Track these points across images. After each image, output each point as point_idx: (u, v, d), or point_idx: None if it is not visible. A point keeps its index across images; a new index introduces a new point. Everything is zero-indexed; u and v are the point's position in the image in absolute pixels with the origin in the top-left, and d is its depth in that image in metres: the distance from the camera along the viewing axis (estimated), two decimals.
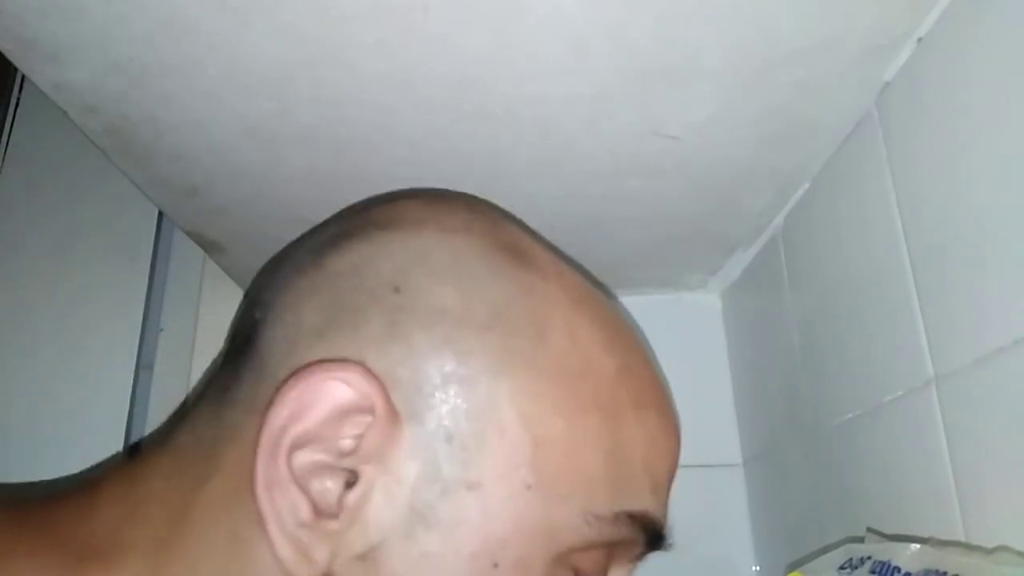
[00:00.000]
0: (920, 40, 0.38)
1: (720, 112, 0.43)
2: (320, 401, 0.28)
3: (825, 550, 0.38)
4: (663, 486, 0.33)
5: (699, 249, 0.63)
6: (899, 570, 0.33)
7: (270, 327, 0.32)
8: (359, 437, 0.28)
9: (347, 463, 0.28)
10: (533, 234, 0.37)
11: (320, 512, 0.27)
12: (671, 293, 0.71)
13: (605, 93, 0.42)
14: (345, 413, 0.28)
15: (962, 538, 0.35)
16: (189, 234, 0.58)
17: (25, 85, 0.73)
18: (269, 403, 0.28)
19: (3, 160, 0.70)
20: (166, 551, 0.29)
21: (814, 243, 0.52)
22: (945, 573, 0.30)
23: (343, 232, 0.34)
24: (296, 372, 0.29)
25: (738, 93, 0.42)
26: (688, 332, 0.70)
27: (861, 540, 0.39)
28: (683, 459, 0.67)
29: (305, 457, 0.28)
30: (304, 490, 0.28)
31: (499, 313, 0.31)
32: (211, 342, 0.68)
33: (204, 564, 0.28)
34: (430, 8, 0.35)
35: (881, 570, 0.33)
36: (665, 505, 0.33)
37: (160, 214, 0.70)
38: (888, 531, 0.40)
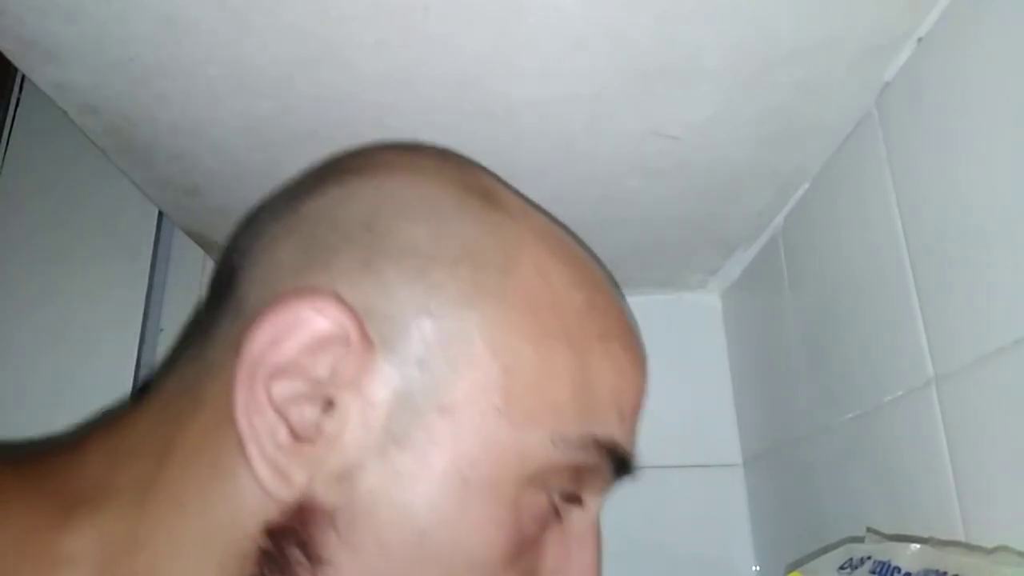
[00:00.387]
0: (920, 40, 0.38)
1: (720, 112, 0.43)
2: (296, 329, 0.29)
3: (825, 550, 0.38)
4: (629, 416, 0.34)
5: (699, 249, 0.63)
6: (899, 570, 0.33)
7: (247, 270, 0.33)
8: (334, 365, 0.29)
9: (323, 390, 0.29)
10: (501, 180, 0.38)
11: (298, 436, 0.29)
12: (671, 293, 0.71)
13: (605, 93, 0.42)
14: (321, 342, 0.29)
15: (962, 538, 0.35)
16: (189, 234, 0.58)
17: (25, 85, 0.73)
18: (245, 332, 0.29)
19: (3, 160, 0.70)
20: (152, 489, 0.30)
21: (814, 243, 0.52)
22: (945, 573, 0.30)
23: (316, 180, 0.36)
24: (272, 301, 0.30)
25: (738, 93, 0.42)
26: (688, 332, 0.70)
27: (861, 540, 0.39)
28: (683, 459, 0.67)
29: (283, 386, 0.29)
30: (283, 416, 0.29)
31: (468, 249, 0.32)
32: None
33: (188, 496, 0.29)
34: (430, 8, 0.35)
35: (881, 570, 0.33)
36: (632, 435, 0.35)
37: (160, 214, 0.70)
38: (888, 531, 0.40)
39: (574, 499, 0.33)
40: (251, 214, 0.39)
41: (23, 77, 0.71)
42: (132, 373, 0.65)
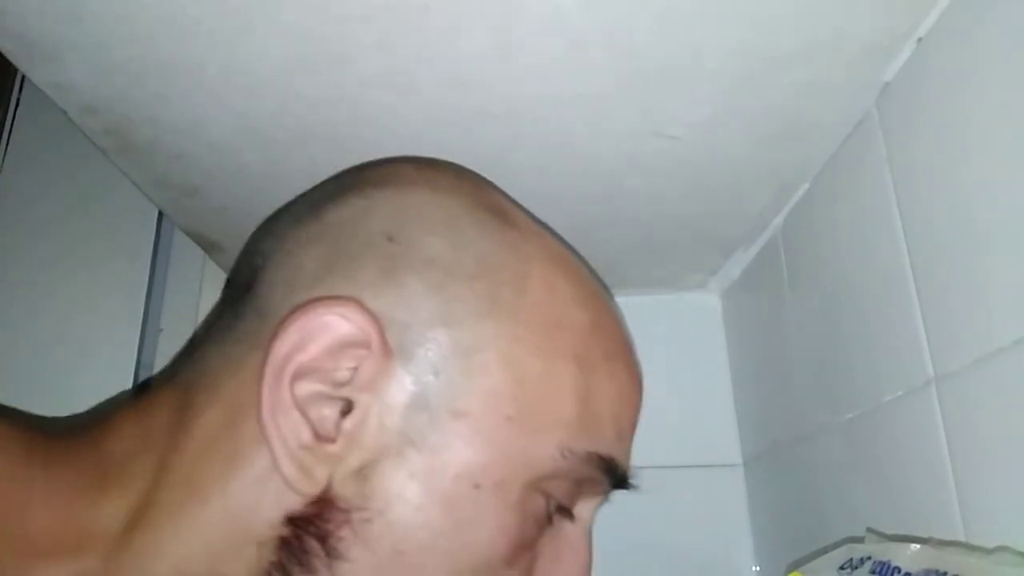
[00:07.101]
0: (920, 40, 0.38)
1: (720, 112, 0.43)
2: (321, 334, 0.31)
3: (825, 550, 0.38)
4: (627, 434, 0.36)
5: (699, 249, 0.63)
6: (899, 570, 0.33)
7: (270, 272, 0.35)
8: (355, 369, 0.31)
9: (343, 392, 0.31)
10: (512, 200, 0.40)
11: (320, 436, 0.30)
12: (671, 293, 0.71)
13: (605, 93, 0.42)
14: (343, 346, 0.31)
15: (962, 538, 0.35)
16: (189, 234, 0.58)
17: (25, 85, 0.73)
18: (273, 335, 0.31)
19: (3, 160, 0.70)
20: (166, 472, 0.31)
21: (814, 243, 0.52)
22: (945, 573, 0.30)
23: (340, 188, 0.37)
24: (299, 307, 0.31)
25: (738, 93, 0.42)
26: (688, 332, 0.70)
27: (861, 540, 0.39)
28: (683, 459, 0.67)
29: (306, 386, 0.30)
30: (305, 415, 0.30)
31: (484, 265, 0.33)
32: None
33: (207, 483, 0.31)
34: (430, 8, 0.35)
35: (881, 570, 0.33)
36: (628, 452, 0.37)
37: (160, 214, 0.70)
38: (888, 531, 0.40)
39: (566, 512, 0.35)
40: (271, 219, 0.40)
41: (23, 77, 0.71)
42: (132, 373, 0.65)
